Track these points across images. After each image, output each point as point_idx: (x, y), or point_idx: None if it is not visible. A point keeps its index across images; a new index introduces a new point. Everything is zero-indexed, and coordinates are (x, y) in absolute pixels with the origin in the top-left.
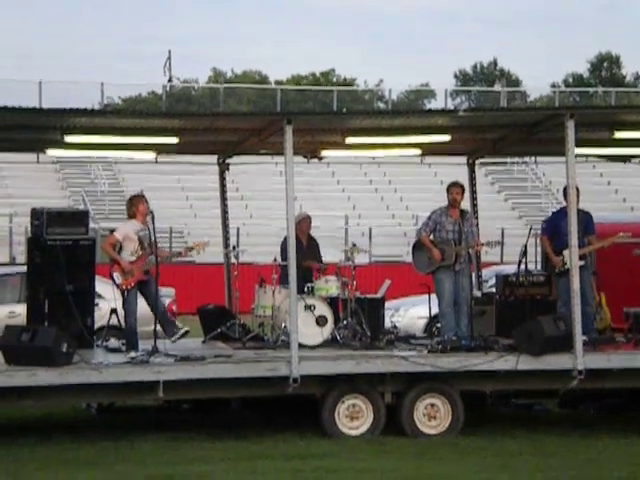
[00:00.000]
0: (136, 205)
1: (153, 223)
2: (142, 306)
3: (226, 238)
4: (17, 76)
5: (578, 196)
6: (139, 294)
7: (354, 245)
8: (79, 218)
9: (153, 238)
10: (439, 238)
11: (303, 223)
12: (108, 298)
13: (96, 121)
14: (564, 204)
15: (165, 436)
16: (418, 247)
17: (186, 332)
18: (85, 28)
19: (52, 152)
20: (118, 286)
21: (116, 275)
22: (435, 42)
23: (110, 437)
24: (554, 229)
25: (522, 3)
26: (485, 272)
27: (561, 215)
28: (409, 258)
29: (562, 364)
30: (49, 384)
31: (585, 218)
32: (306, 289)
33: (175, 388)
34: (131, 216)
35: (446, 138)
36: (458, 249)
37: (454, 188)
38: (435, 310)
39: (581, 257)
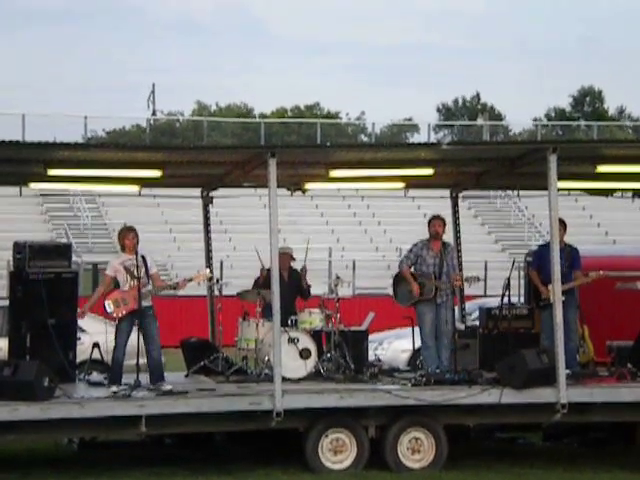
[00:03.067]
0: (122, 239)
1: (137, 256)
2: (131, 339)
3: (209, 271)
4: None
5: (565, 230)
6: (137, 331)
7: (338, 277)
8: (62, 251)
9: (141, 269)
10: (419, 272)
11: (281, 260)
12: (90, 332)
13: (79, 154)
14: (565, 238)
15: (148, 471)
16: (399, 280)
17: (169, 391)
18: (69, 61)
19: (35, 185)
20: (109, 315)
21: (107, 304)
22: (418, 76)
23: (92, 472)
24: (540, 262)
25: (504, 37)
26: (468, 305)
27: (547, 249)
28: (392, 291)
29: (545, 397)
30: (31, 419)
31: (572, 253)
32: (290, 322)
33: (158, 422)
34: (122, 249)
35: (429, 171)
36: (438, 283)
37: (436, 221)
38: (419, 343)
39: (565, 292)
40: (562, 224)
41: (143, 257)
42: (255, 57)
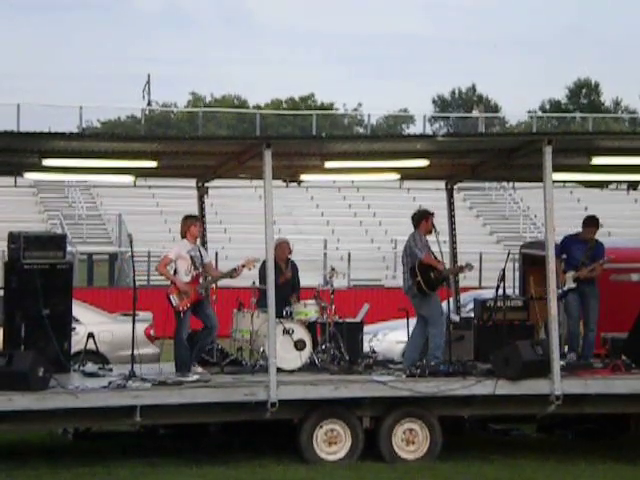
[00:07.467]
0: (188, 226)
1: (131, 246)
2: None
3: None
4: None
5: (597, 228)
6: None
7: (333, 269)
8: (56, 242)
9: (205, 260)
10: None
11: (281, 249)
12: (85, 322)
13: (74, 145)
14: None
15: (142, 461)
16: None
17: (195, 380)
18: (64, 51)
19: (30, 175)
20: (174, 308)
21: (173, 297)
22: (414, 68)
23: (87, 462)
24: (563, 251)
25: (501, 28)
26: (463, 297)
27: (572, 240)
28: (388, 282)
29: (540, 389)
30: (25, 409)
31: (596, 247)
32: (285, 313)
33: (152, 413)
34: (183, 236)
35: (424, 163)
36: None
37: (431, 217)
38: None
39: (586, 282)
40: (595, 222)
41: (199, 247)
42: (250, 48)
